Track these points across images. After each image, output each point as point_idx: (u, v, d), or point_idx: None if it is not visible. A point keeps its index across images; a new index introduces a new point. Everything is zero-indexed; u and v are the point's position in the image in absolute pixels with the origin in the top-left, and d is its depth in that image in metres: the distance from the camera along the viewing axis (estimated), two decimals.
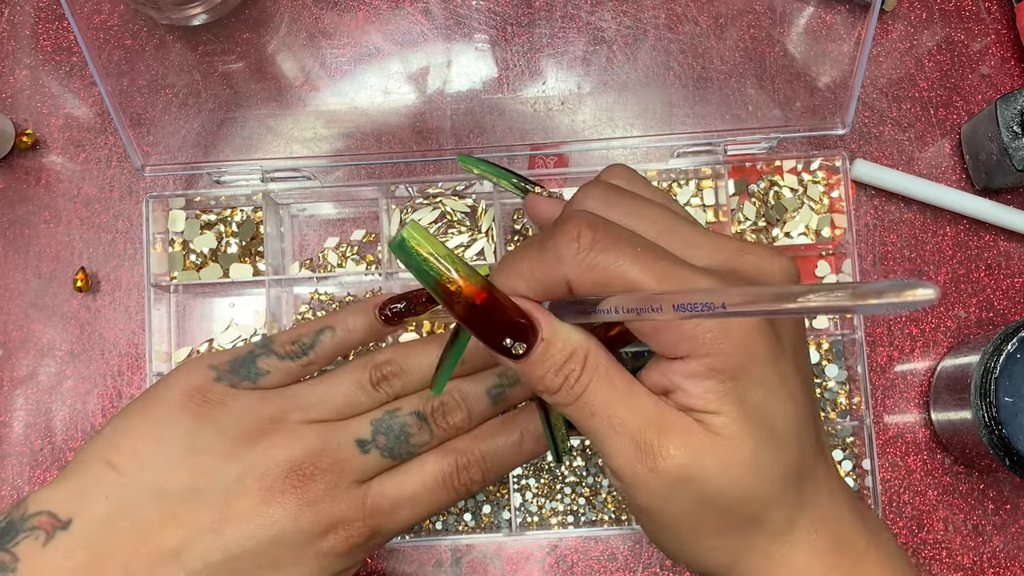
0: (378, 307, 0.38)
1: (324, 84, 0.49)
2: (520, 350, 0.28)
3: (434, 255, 0.27)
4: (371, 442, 0.36)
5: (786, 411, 0.29)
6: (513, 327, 0.28)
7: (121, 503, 0.33)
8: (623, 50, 0.48)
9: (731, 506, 0.29)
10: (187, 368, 0.36)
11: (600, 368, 0.29)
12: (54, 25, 0.52)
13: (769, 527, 0.30)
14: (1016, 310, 0.49)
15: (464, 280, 0.27)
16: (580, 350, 0.28)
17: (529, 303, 0.28)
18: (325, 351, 0.38)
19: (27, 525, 0.32)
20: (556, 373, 0.29)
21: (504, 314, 0.28)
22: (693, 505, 0.29)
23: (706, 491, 0.29)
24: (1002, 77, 0.50)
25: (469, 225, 0.49)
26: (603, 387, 0.29)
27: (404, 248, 0.26)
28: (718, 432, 0.28)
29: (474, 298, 0.27)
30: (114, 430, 0.35)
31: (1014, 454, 0.41)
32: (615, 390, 0.29)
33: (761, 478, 0.29)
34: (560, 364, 0.28)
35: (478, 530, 0.46)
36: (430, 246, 0.27)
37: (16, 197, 0.51)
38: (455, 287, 0.27)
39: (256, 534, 0.33)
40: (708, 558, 0.31)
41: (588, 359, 0.29)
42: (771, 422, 0.29)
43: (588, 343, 0.29)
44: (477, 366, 0.38)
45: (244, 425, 0.35)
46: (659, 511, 0.30)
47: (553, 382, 0.29)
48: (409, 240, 0.26)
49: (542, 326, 0.28)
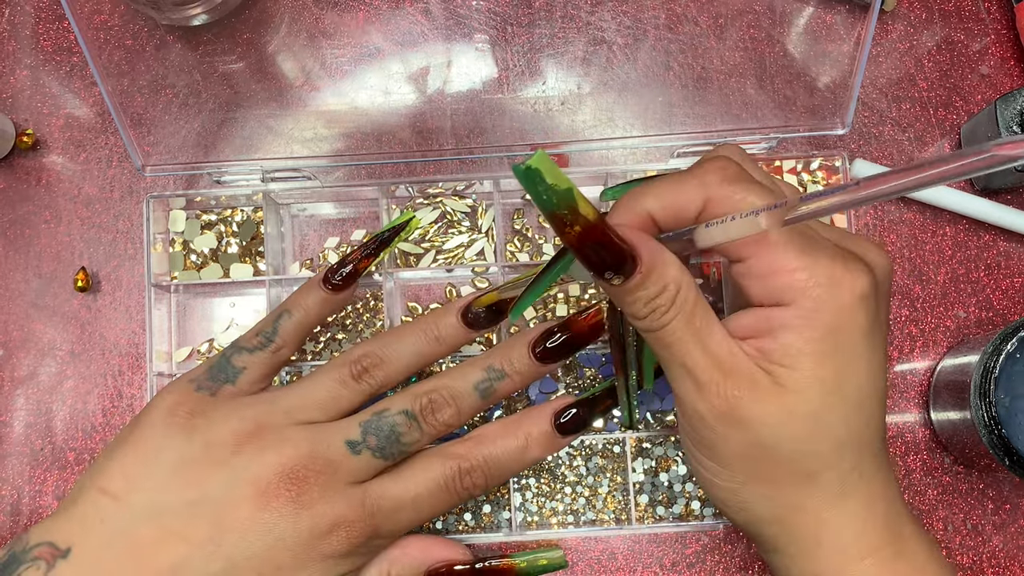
0: (322, 279, 0.40)
1: (324, 84, 0.49)
2: (618, 281, 0.30)
3: (557, 185, 0.28)
4: (361, 443, 0.36)
5: (862, 381, 0.30)
6: (617, 258, 0.29)
7: (117, 526, 0.33)
8: (623, 50, 0.48)
9: (786, 458, 0.30)
10: (167, 388, 0.37)
11: (686, 306, 0.30)
12: (54, 25, 0.52)
13: (823, 489, 0.31)
14: (1016, 310, 0.49)
15: (581, 212, 0.28)
16: (673, 285, 0.30)
17: (637, 234, 0.30)
18: (288, 334, 0.39)
19: (28, 556, 0.33)
20: (645, 304, 0.30)
21: (612, 246, 0.29)
22: (747, 446, 0.30)
23: (762, 437, 0.30)
24: (1002, 77, 0.50)
25: (469, 225, 0.49)
26: (684, 324, 0.30)
27: (529, 174, 0.27)
28: (784, 385, 0.29)
29: (587, 230, 0.28)
30: (105, 459, 0.35)
31: (1014, 454, 0.41)
32: (694, 329, 0.30)
33: (820, 437, 0.30)
34: (651, 297, 0.30)
35: (478, 530, 0.46)
36: (554, 176, 0.27)
37: (17, 197, 0.51)
38: (571, 217, 0.28)
39: (255, 541, 0.33)
40: (758, 506, 0.32)
41: (678, 296, 0.30)
42: (845, 387, 0.30)
43: (682, 279, 0.30)
44: (453, 344, 0.38)
45: (229, 431, 0.35)
46: (715, 445, 0.31)
47: (641, 311, 0.30)
48: (536, 169, 0.27)
49: (643, 259, 0.29)
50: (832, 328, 0.29)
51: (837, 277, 0.29)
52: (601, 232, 0.29)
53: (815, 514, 0.31)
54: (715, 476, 0.32)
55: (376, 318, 0.48)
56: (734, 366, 0.30)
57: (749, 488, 0.31)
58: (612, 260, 0.29)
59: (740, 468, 0.31)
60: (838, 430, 0.30)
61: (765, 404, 0.29)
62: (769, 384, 0.29)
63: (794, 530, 0.31)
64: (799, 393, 0.29)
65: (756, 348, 0.30)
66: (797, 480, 0.31)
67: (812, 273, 0.29)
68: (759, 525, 0.32)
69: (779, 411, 0.29)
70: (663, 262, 0.30)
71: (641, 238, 0.30)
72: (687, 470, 0.46)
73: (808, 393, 0.29)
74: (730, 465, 0.31)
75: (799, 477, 0.31)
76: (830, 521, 0.31)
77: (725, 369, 0.30)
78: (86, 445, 0.48)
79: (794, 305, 0.29)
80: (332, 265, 0.40)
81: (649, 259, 0.29)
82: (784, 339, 0.29)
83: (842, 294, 0.29)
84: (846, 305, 0.29)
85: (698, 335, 0.30)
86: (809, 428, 0.30)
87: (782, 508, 0.31)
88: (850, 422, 0.30)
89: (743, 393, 0.29)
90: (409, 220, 0.42)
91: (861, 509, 0.31)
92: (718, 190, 0.30)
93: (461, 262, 0.48)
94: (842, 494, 0.31)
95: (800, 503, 0.31)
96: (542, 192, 0.28)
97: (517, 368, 0.37)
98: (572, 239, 0.28)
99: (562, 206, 0.28)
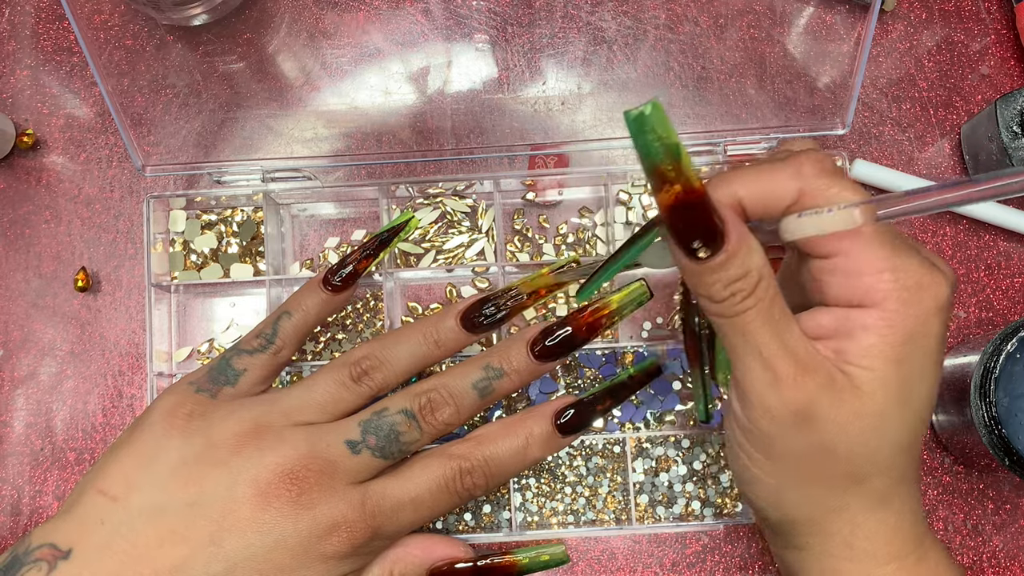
0: (322, 280, 0.40)
1: (324, 84, 0.49)
2: (704, 254, 0.28)
3: (667, 137, 0.26)
4: (361, 442, 0.36)
5: (924, 389, 0.30)
6: (707, 231, 0.28)
7: (117, 528, 0.33)
8: (623, 50, 0.48)
9: (844, 458, 0.30)
10: (167, 390, 0.37)
11: (767, 296, 0.29)
12: (54, 25, 0.52)
13: (866, 494, 0.31)
14: (1016, 310, 0.49)
15: (684, 172, 0.27)
16: (755, 272, 0.29)
17: (728, 212, 0.29)
18: (288, 335, 0.39)
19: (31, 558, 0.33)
20: (726, 286, 0.29)
21: (706, 215, 0.28)
22: (808, 445, 0.30)
23: (826, 435, 0.30)
24: (1002, 77, 0.50)
25: (469, 225, 0.49)
26: (762, 313, 0.29)
27: (641, 122, 0.26)
28: (859, 386, 0.29)
29: (685, 192, 0.27)
30: (105, 460, 0.35)
31: (1014, 454, 0.41)
32: (773, 321, 0.29)
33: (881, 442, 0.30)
34: (733, 279, 0.29)
35: (478, 530, 0.46)
36: (665, 129, 0.26)
37: (17, 197, 0.51)
38: (673, 175, 0.27)
39: (255, 542, 0.33)
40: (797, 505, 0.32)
41: (760, 283, 0.29)
42: (912, 395, 0.30)
43: (765, 269, 0.29)
44: (452, 348, 0.38)
45: (229, 432, 0.35)
46: (774, 441, 0.31)
47: (720, 293, 0.29)
48: (649, 117, 0.26)
49: (732, 238, 0.28)
50: (912, 334, 0.29)
51: (924, 283, 0.29)
52: (701, 198, 0.27)
53: (851, 518, 0.31)
54: (762, 471, 0.32)
55: (376, 318, 0.48)
56: (812, 362, 0.29)
57: (794, 487, 0.31)
58: (702, 231, 0.28)
59: (793, 465, 0.31)
60: (899, 436, 0.30)
61: (839, 404, 0.29)
62: (846, 384, 0.29)
63: (826, 531, 0.32)
64: (871, 395, 0.29)
65: (832, 349, 0.30)
66: (845, 483, 0.31)
67: (899, 276, 0.29)
68: (791, 524, 0.32)
69: (850, 411, 0.29)
70: (749, 246, 0.29)
71: (732, 217, 0.29)
72: (687, 470, 0.46)
73: (879, 396, 0.29)
74: (782, 462, 0.31)
75: (848, 480, 0.31)
76: (864, 525, 0.31)
77: (803, 364, 0.29)
78: (86, 445, 0.48)
79: (878, 307, 0.29)
80: (332, 266, 0.40)
81: (737, 240, 0.28)
82: (864, 341, 0.29)
83: (925, 301, 0.29)
84: (927, 313, 0.29)
85: (777, 327, 0.29)
86: (873, 432, 0.30)
87: (820, 509, 0.31)
88: (910, 430, 0.30)
89: (820, 390, 0.29)
90: (408, 220, 0.42)
91: (894, 516, 0.31)
92: (814, 182, 0.29)
93: (461, 262, 0.48)
94: (883, 500, 0.31)
95: (841, 505, 0.31)
96: (651, 142, 0.26)
97: (516, 367, 0.37)
98: (669, 199, 0.27)
99: (667, 161, 0.27)
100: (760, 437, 0.31)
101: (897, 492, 0.31)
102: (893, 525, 0.31)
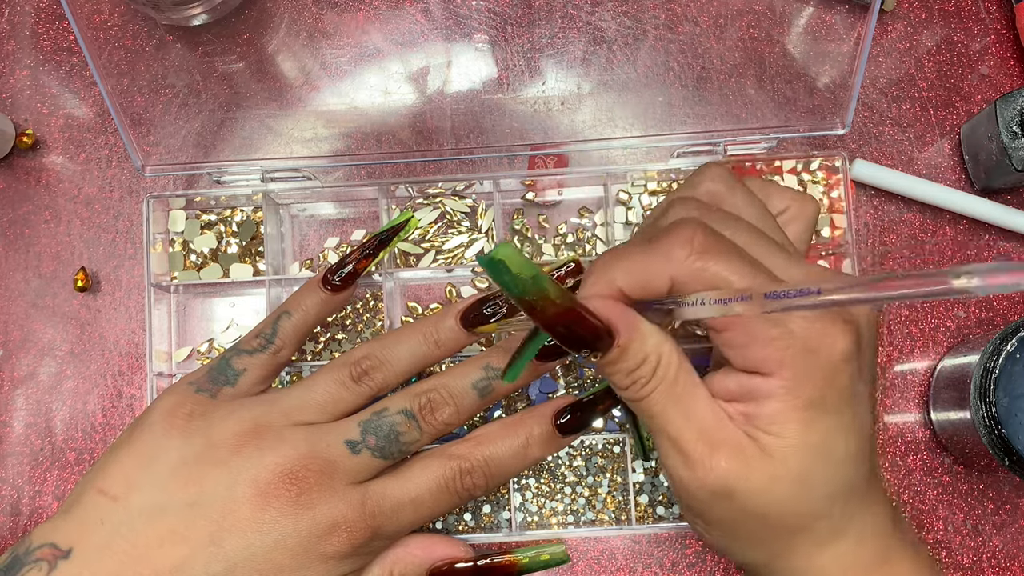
0: (321, 280, 0.40)
1: (324, 84, 0.49)
2: (595, 358, 0.29)
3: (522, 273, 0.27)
4: (361, 443, 0.36)
5: (848, 440, 0.30)
6: (592, 335, 0.29)
7: (117, 527, 0.33)
8: (623, 50, 0.48)
9: (775, 519, 0.30)
10: (167, 390, 0.37)
11: (668, 375, 0.30)
12: (54, 25, 0.52)
13: (813, 536, 0.31)
14: (1016, 310, 0.49)
15: (551, 297, 0.28)
16: (652, 357, 0.29)
17: (612, 306, 0.29)
18: (288, 335, 0.39)
19: (31, 558, 0.33)
20: (626, 376, 0.30)
21: (586, 325, 0.29)
22: (736, 514, 0.30)
23: (749, 505, 0.30)
24: (1002, 77, 0.50)
25: (469, 225, 0.49)
26: (666, 395, 0.30)
27: (494, 266, 0.27)
28: (771, 453, 0.29)
29: (559, 314, 0.28)
30: (105, 460, 0.35)
31: (1013, 454, 0.41)
32: (676, 397, 0.30)
33: (808, 497, 0.30)
34: (631, 369, 0.29)
35: (478, 530, 0.46)
36: (519, 267, 0.27)
37: (16, 197, 0.51)
38: (541, 303, 0.28)
39: (255, 542, 0.33)
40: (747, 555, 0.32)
41: (659, 366, 0.29)
42: (831, 448, 0.29)
43: (662, 348, 0.29)
44: (452, 347, 0.38)
45: (228, 432, 0.35)
46: (703, 514, 0.31)
47: (622, 381, 0.30)
48: (500, 259, 0.27)
49: (620, 334, 0.29)
50: (815, 396, 0.28)
51: (815, 343, 0.28)
52: (574, 313, 0.28)
53: (805, 556, 0.31)
54: (705, 532, 0.32)
55: (376, 318, 0.48)
56: (720, 436, 0.29)
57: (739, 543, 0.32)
58: (588, 337, 0.29)
59: (729, 529, 0.31)
60: (826, 488, 0.30)
61: (752, 474, 0.29)
62: (756, 453, 0.29)
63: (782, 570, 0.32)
64: (784, 461, 0.29)
65: (741, 412, 0.29)
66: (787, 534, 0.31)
67: (789, 343, 0.28)
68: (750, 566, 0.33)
69: (766, 478, 0.29)
70: (640, 335, 0.29)
71: (616, 311, 0.29)
72: None
73: (795, 460, 0.29)
74: (719, 526, 0.31)
75: (788, 531, 0.30)
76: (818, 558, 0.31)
77: (711, 440, 0.29)
78: (86, 445, 0.48)
79: (775, 376, 0.28)
80: (331, 266, 0.40)
81: (626, 333, 0.29)
82: (768, 407, 0.29)
83: (823, 359, 0.28)
84: (828, 369, 0.28)
85: (681, 403, 0.29)
86: (797, 492, 0.29)
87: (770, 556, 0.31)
88: (839, 478, 0.30)
89: (730, 465, 0.29)
90: (408, 220, 0.42)
91: (851, 546, 0.31)
92: (686, 267, 0.28)
93: (461, 262, 0.48)
94: (833, 535, 0.31)
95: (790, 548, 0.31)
96: (509, 282, 0.27)
97: None
98: (544, 322, 0.28)
99: (530, 293, 0.28)
100: (691, 508, 0.31)
101: (847, 526, 0.31)
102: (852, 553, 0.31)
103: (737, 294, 0.26)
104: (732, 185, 0.33)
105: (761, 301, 0.25)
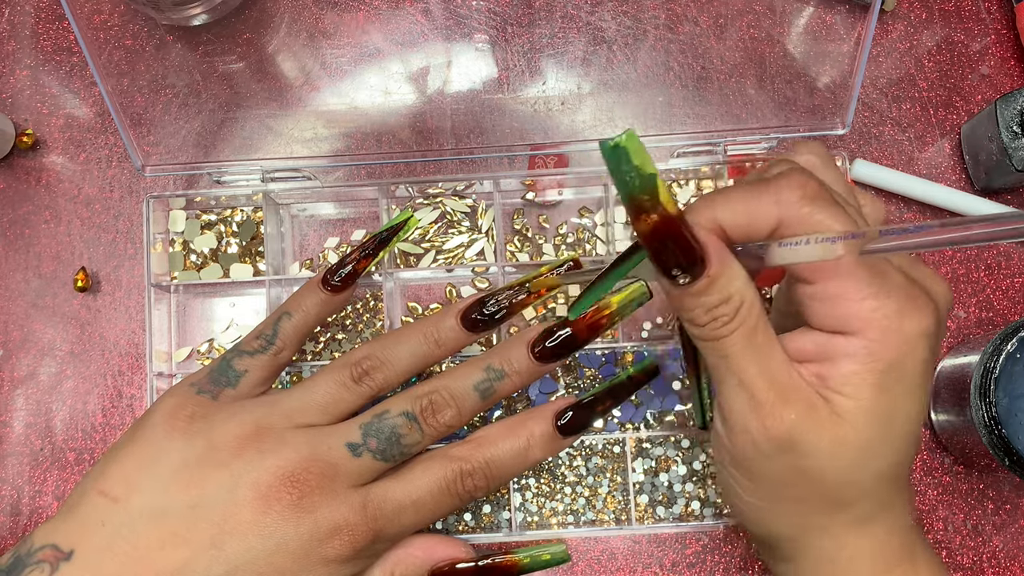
0: (321, 280, 0.40)
1: (324, 84, 0.49)
2: (684, 280, 0.29)
3: (642, 168, 0.26)
4: (362, 445, 0.36)
5: (911, 415, 0.30)
6: (687, 257, 0.28)
7: (118, 529, 0.33)
8: (623, 50, 0.48)
9: (827, 485, 0.30)
10: (168, 392, 0.37)
11: (749, 320, 0.29)
12: (54, 25, 0.52)
13: (851, 515, 0.31)
14: (1016, 310, 0.49)
15: (661, 201, 0.27)
16: (737, 297, 0.29)
17: (710, 238, 0.29)
18: (288, 336, 0.39)
19: (33, 559, 0.33)
20: (707, 311, 0.29)
21: (684, 242, 0.28)
22: (789, 471, 0.30)
23: (807, 463, 0.29)
24: (1002, 77, 0.50)
25: (469, 225, 0.49)
26: (744, 338, 0.29)
27: (616, 152, 0.26)
28: (841, 415, 0.29)
29: (662, 221, 0.27)
30: (106, 462, 0.35)
31: (1014, 454, 0.41)
32: (755, 345, 0.29)
33: (865, 468, 0.30)
34: (714, 305, 0.29)
35: (478, 530, 0.46)
36: (641, 159, 0.26)
37: (16, 197, 0.51)
38: (650, 204, 0.27)
39: (256, 545, 0.33)
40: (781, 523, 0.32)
41: (741, 308, 0.29)
42: (897, 421, 0.29)
43: (747, 293, 0.29)
44: (452, 347, 0.38)
45: (230, 434, 0.35)
46: (754, 464, 0.31)
47: (701, 318, 0.29)
48: (624, 146, 0.26)
49: (712, 264, 0.28)
50: (895, 362, 0.28)
51: (906, 311, 0.28)
52: (677, 226, 0.28)
53: (836, 537, 0.31)
54: (745, 492, 0.32)
55: (376, 318, 0.48)
56: (793, 389, 0.29)
57: (777, 508, 0.31)
58: (682, 258, 0.28)
59: (775, 489, 0.31)
60: (883, 463, 0.30)
61: (820, 432, 0.29)
62: (827, 413, 0.29)
63: (811, 548, 0.32)
64: (854, 423, 0.29)
65: (814, 373, 0.29)
66: (829, 506, 0.31)
67: (881, 304, 0.28)
68: (776, 539, 0.32)
69: (831, 440, 0.29)
70: (731, 272, 0.29)
71: (713, 242, 0.29)
72: (687, 470, 0.46)
73: (863, 424, 0.29)
74: (765, 484, 0.31)
75: (832, 503, 0.30)
76: (850, 544, 0.31)
77: (783, 391, 0.29)
78: (86, 445, 0.48)
79: (859, 335, 0.28)
80: (331, 266, 0.40)
81: (718, 265, 0.28)
82: (846, 368, 0.29)
83: (908, 328, 0.28)
84: (911, 340, 0.28)
85: (758, 352, 0.29)
86: (857, 459, 0.29)
87: (803, 528, 0.31)
88: (896, 455, 0.30)
89: (800, 419, 0.29)
90: (407, 219, 0.42)
91: (882, 534, 0.31)
92: (795, 210, 0.28)
93: (461, 262, 0.48)
94: (868, 519, 0.31)
95: (825, 525, 0.31)
96: (626, 173, 0.26)
97: (516, 368, 0.37)
98: (647, 228, 0.27)
99: (644, 191, 0.27)
100: (742, 459, 0.31)
101: (883, 511, 0.31)
102: (880, 541, 0.31)
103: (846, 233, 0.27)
104: (828, 162, 0.33)
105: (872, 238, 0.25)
